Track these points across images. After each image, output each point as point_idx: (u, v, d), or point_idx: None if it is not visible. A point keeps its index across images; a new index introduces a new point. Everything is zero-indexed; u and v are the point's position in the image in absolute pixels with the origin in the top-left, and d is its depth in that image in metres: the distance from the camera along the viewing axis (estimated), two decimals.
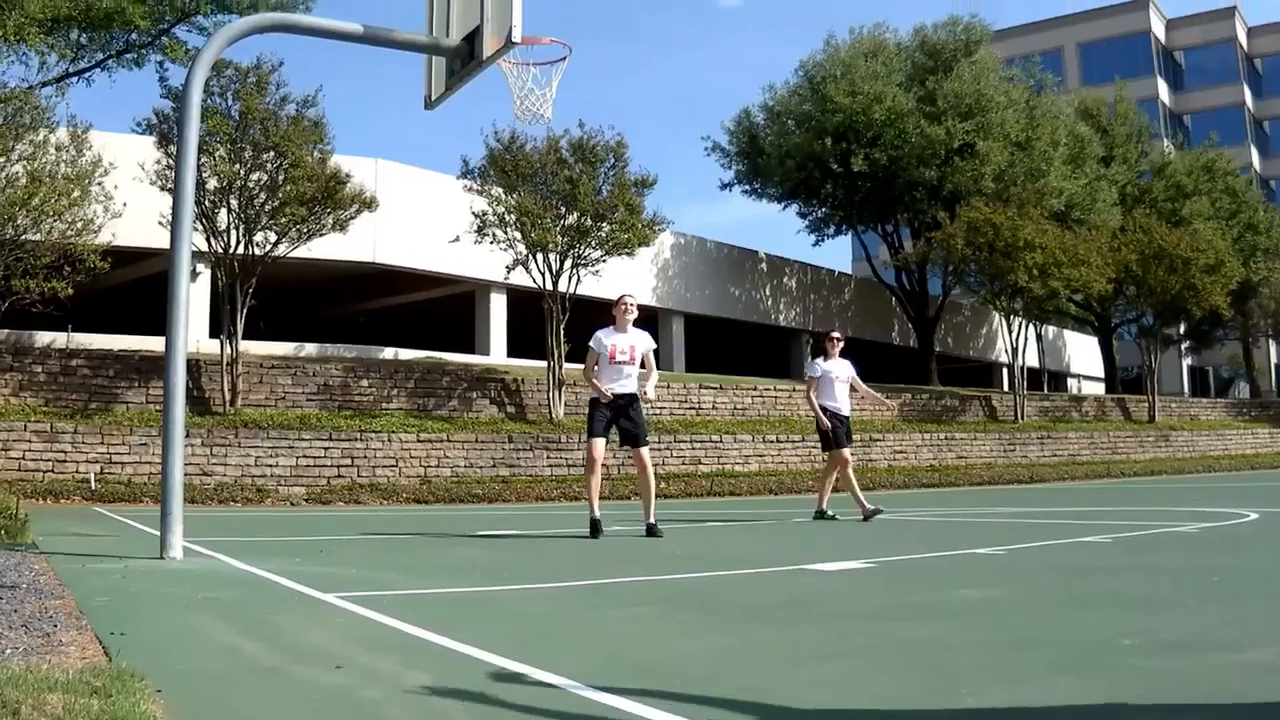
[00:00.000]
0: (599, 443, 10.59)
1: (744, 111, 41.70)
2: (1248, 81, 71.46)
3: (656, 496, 11.18)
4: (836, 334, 13.96)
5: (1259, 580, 6.55)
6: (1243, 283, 41.44)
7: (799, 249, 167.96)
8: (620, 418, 10.72)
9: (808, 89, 38.80)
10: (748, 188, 42.16)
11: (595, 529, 10.36)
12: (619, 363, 10.80)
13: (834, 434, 13.32)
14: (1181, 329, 46.96)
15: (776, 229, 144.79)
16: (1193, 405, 42.48)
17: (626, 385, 10.76)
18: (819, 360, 13.66)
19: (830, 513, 13.42)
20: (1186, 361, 62.43)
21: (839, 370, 13.48)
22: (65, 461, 17.77)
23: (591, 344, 11.00)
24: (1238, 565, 7.45)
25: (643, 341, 11.05)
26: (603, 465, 10.95)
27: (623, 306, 11.14)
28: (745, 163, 41.45)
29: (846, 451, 13.36)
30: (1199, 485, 23.53)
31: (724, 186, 43.04)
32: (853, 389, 13.72)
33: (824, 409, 13.29)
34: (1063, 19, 70.49)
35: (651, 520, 10.67)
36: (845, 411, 13.44)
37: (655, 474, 11.40)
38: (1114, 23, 69.29)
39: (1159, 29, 70.85)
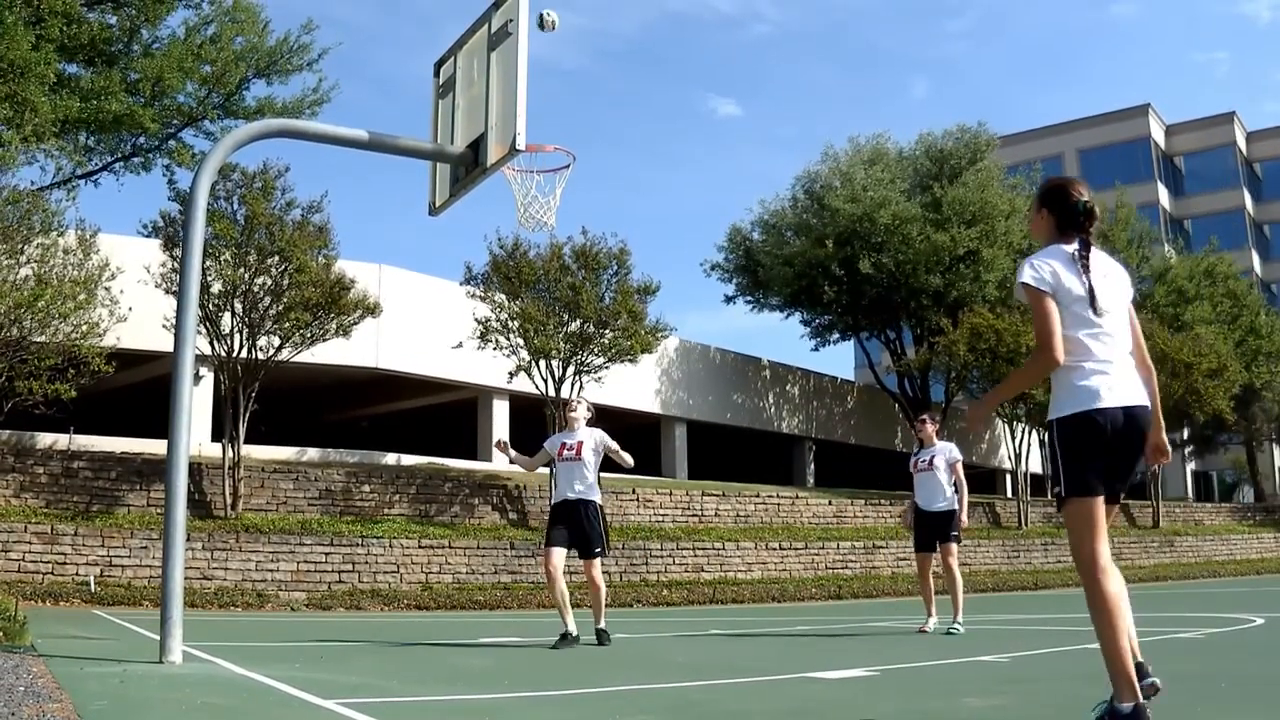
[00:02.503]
0: (555, 553, 10.10)
1: (734, 228, 42.26)
2: (1248, 186, 71.96)
3: (607, 606, 10.84)
4: (925, 415, 12.97)
5: (1267, 686, 6.50)
6: (1245, 387, 41.42)
7: (801, 355, 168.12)
8: (574, 526, 10.16)
9: (805, 199, 39.14)
10: (750, 299, 42.38)
11: (564, 640, 9.96)
12: (566, 459, 10.38)
13: (913, 533, 12.48)
14: (1185, 434, 46.82)
15: (778, 335, 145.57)
16: (1197, 510, 42.26)
17: (578, 488, 10.23)
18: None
19: (952, 627, 11.66)
20: (1190, 466, 62.27)
21: (925, 457, 12.34)
22: (65, 563, 17.66)
23: (545, 445, 10.83)
24: (1245, 671, 7.40)
25: (592, 436, 10.48)
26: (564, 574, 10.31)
27: (566, 410, 10.89)
28: (745, 276, 41.71)
29: (929, 556, 12.20)
30: (1204, 590, 23.39)
31: (728, 300, 43.28)
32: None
33: (912, 505, 12.42)
34: (1062, 125, 71.06)
35: (601, 625, 10.31)
36: (926, 505, 12.22)
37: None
38: (1114, 129, 69.87)
39: (1159, 135, 71.46)
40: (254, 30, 25.74)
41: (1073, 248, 4.79)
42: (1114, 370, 4.64)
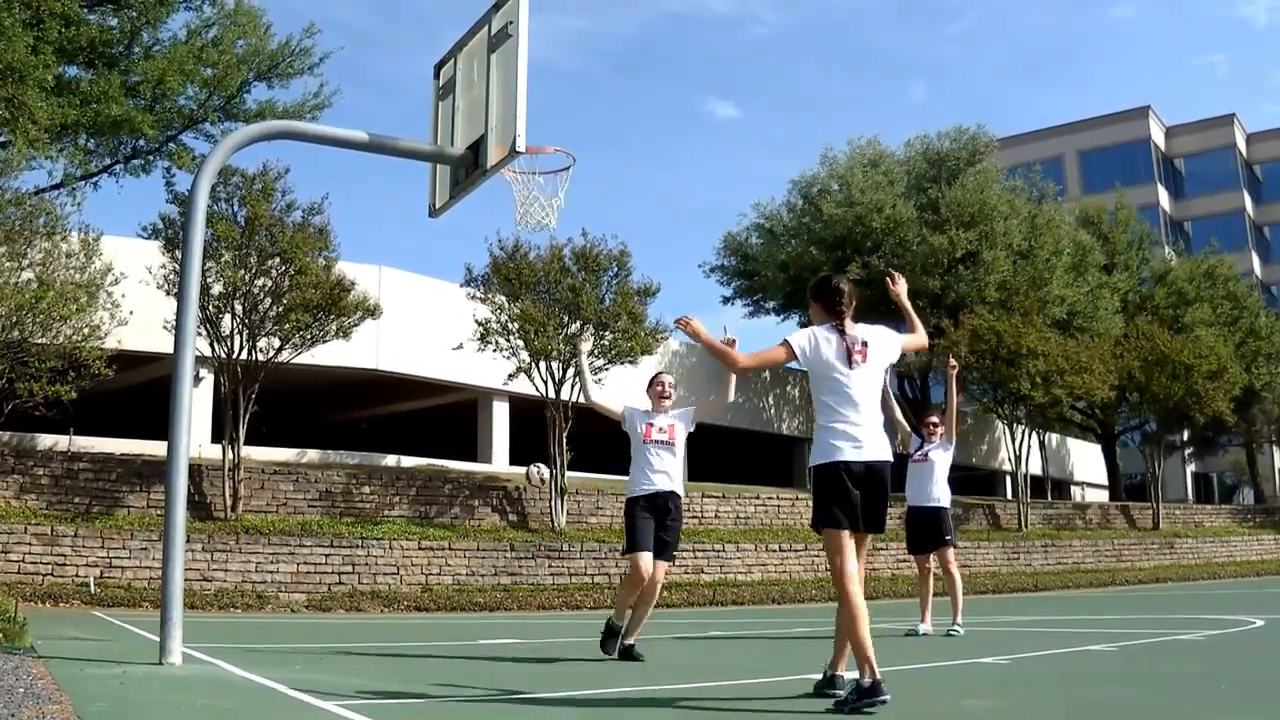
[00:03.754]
0: (645, 558, 8.77)
1: (729, 234, 42.38)
2: (1247, 187, 71.95)
3: (654, 608, 9.41)
4: (933, 419, 12.54)
5: (1267, 687, 6.50)
6: (1245, 389, 41.37)
7: None
8: (659, 523, 8.86)
9: (802, 203, 39.15)
10: (747, 301, 42.41)
11: (612, 641, 8.98)
12: (656, 442, 9.10)
13: (908, 534, 12.28)
14: (1185, 435, 46.83)
15: (777, 336, 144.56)
16: (1197, 512, 42.24)
17: (672, 479, 9.03)
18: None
19: (952, 629, 11.63)
20: (1190, 468, 62.24)
21: (925, 449, 12.15)
22: (65, 565, 17.66)
23: (624, 411, 9.34)
24: (1245, 673, 7.40)
25: (682, 419, 9.40)
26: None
27: (659, 387, 9.48)
28: (742, 279, 41.73)
29: (927, 558, 12.10)
30: (1204, 592, 23.38)
31: (725, 301, 43.35)
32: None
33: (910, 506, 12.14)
34: (1062, 127, 71.04)
35: (632, 640, 9.06)
36: (915, 500, 12.06)
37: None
38: (1113, 131, 69.87)
39: (1158, 136, 71.45)
40: (255, 33, 25.72)
41: (834, 322, 6.20)
42: (861, 433, 6.04)
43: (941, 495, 12.05)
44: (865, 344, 6.16)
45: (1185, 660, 8.45)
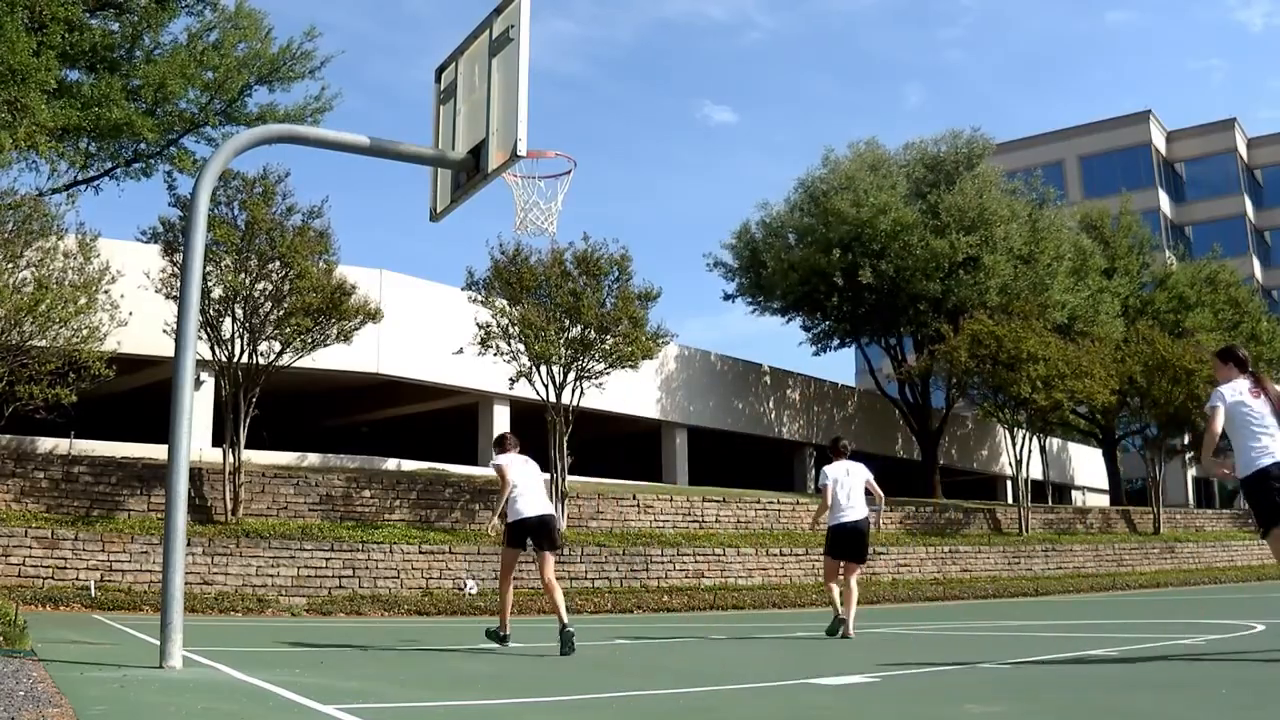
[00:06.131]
0: None
1: (743, 227, 41.89)
2: (1248, 192, 71.88)
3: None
4: (835, 442, 13.73)
5: (1267, 692, 6.49)
6: None
7: (800, 362, 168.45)
8: None
9: (808, 203, 38.96)
10: (750, 300, 42.22)
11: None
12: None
13: (826, 542, 13.14)
14: (1186, 440, 46.77)
15: (776, 342, 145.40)
16: (1197, 516, 42.26)
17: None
18: (825, 467, 13.15)
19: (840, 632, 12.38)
20: (1191, 472, 62.09)
21: (848, 472, 13.07)
22: (65, 568, 17.65)
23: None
24: (1245, 678, 7.39)
25: None
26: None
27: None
28: (748, 277, 41.54)
29: (837, 562, 13.21)
30: (1205, 597, 23.35)
31: (727, 298, 43.10)
32: (869, 492, 13.12)
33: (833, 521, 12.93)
34: (1063, 132, 70.99)
35: None
36: (847, 518, 13.01)
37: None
38: (1114, 135, 69.84)
39: (1159, 141, 71.39)
40: (256, 36, 25.75)
41: (520, 456, 10.75)
42: (528, 498, 10.35)
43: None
44: (531, 460, 10.72)
45: (1186, 665, 8.44)
